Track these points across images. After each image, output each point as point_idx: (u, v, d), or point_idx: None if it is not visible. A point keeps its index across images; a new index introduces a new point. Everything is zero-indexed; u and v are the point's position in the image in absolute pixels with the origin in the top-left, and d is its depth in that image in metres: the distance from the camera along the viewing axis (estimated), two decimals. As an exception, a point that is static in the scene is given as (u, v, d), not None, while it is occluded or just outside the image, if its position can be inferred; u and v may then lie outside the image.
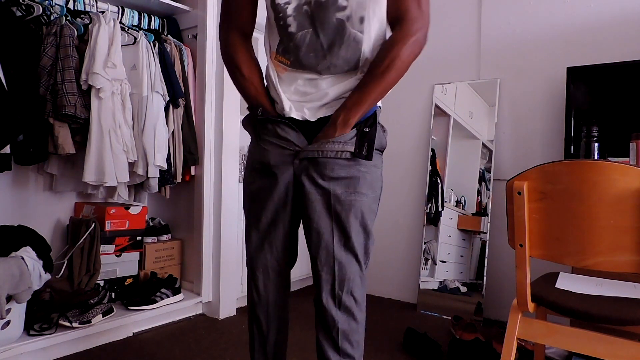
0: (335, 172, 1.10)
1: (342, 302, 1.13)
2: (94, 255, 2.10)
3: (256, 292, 1.25)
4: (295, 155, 1.12)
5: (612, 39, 2.21)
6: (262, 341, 1.29)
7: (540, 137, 2.41)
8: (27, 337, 1.79)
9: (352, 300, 1.13)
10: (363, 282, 1.16)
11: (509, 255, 2.48)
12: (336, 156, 1.09)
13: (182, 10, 2.45)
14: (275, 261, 1.22)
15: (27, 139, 1.85)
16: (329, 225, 1.11)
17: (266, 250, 1.21)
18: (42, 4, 1.95)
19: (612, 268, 1.09)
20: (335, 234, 1.12)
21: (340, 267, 1.12)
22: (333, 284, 1.12)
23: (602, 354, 1.14)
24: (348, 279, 1.12)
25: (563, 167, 1.10)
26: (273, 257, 1.21)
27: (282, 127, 1.13)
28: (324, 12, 1.05)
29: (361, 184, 1.12)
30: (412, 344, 2.00)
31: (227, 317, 2.43)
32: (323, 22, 1.06)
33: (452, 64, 2.70)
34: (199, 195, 2.44)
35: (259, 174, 1.19)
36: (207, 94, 2.42)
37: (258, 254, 1.22)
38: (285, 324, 1.32)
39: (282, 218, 1.19)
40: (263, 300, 1.25)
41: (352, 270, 1.13)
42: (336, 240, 1.12)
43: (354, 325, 1.14)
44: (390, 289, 2.89)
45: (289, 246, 1.23)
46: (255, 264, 1.24)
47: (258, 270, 1.23)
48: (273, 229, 1.19)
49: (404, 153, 2.87)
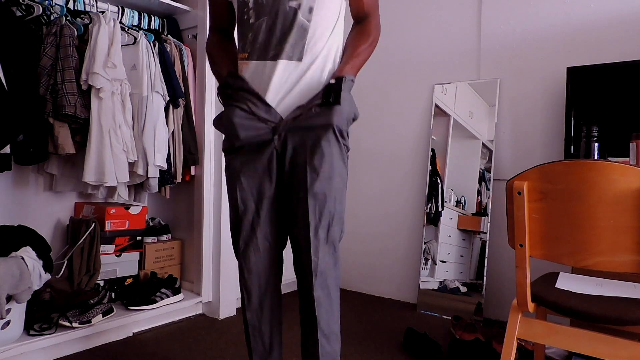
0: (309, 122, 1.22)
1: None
2: (94, 255, 2.10)
3: (247, 269, 1.30)
4: (274, 130, 1.23)
5: (612, 39, 2.21)
6: (256, 324, 1.32)
7: (540, 137, 2.41)
8: (27, 337, 1.79)
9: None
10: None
11: (509, 255, 2.48)
12: (308, 114, 1.21)
13: (182, 10, 2.45)
14: (265, 239, 1.30)
15: (27, 139, 1.85)
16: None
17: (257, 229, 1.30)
18: (42, 4, 1.96)
19: (612, 268, 1.09)
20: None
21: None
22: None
23: (602, 354, 1.14)
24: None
25: (563, 167, 1.10)
26: (262, 235, 1.29)
27: (255, 102, 1.23)
28: (279, 1, 1.19)
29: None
30: (412, 344, 2.00)
31: (227, 317, 2.43)
32: (277, 10, 1.19)
33: (452, 64, 2.70)
34: (199, 195, 2.44)
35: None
36: (207, 94, 2.42)
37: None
38: (279, 307, 1.36)
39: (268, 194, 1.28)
40: (254, 275, 1.31)
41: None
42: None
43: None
44: (390, 289, 2.89)
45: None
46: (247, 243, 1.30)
47: (249, 249, 1.29)
48: (261, 207, 1.28)
49: (404, 153, 2.87)
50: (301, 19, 1.19)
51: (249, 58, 1.23)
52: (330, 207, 1.21)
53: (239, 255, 1.31)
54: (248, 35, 1.22)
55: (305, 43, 1.20)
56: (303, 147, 1.20)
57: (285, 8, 1.18)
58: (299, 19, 1.18)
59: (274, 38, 1.19)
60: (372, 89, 3.00)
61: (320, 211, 1.20)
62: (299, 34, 1.19)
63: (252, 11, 1.21)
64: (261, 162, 1.24)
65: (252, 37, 1.21)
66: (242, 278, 1.32)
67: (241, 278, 1.33)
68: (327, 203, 1.21)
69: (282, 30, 1.19)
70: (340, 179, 1.24)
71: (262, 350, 1.34)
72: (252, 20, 1.21)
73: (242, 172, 1.25)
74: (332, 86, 1.19)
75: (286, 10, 1.18)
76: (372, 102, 3.00)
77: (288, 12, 1.18)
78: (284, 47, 1.19)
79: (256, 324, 1.33)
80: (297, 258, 1.26)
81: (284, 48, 1.19)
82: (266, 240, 1.29)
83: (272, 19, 1.19)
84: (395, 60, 2.91)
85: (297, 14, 1.18)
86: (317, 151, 1.19)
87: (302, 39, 1.20)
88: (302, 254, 1.23)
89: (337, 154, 1.21)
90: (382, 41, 2.91)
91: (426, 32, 2.79)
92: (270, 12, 1.19)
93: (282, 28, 1.19)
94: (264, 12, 1.20)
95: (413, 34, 2.83)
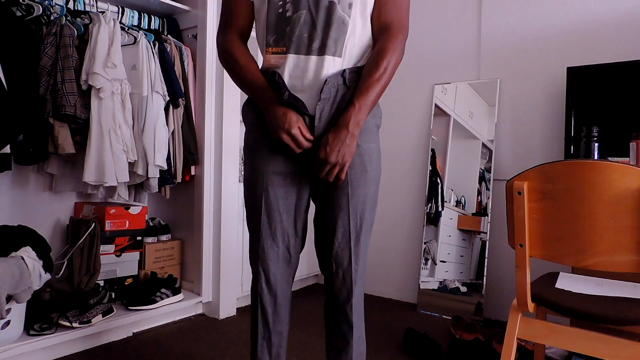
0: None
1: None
2: (94, 255, 2.10)
3: (266, 282, 1.27)
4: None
5: (612, 39, 2.21)
6: (266, 335, 1.30)
7: (540, 137, 2.41)
8: (27, 337, 1.79)
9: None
10: None
11: (509, 255, 2.48)
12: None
13: (182, 10, 2.45)
14: (286, 250, 1.28)
15: (27, 139, 1.85)
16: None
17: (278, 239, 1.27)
18: (42, 4, 1.95)
19: (612, 268, 1.09)
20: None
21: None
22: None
23: (602, 354, 1.14)
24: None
25: (563, 167, 1.10)
26: (284, 245, 1.27)
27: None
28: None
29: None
30: (412, 344, 2.00)
31: (227, 317, 2.43)
32: (318, 3, 1.14)
33: (452, 64, 2.70)
34: (199, 195, 2.44)
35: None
36: (207, 94, 2.41)
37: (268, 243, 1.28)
38: (290, 316, 1.36)
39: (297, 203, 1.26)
40: (273, 290, 1.28)
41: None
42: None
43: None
44: (390, 289, 2.89)
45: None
46: (265, 253, 1.27)
47: (270, 261, 1.26)
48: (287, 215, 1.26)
49: (404, 153, 2.87)
50: (341, 13, 1.14)
51: (286, 52, 1.17)
52: (369, 214, 1.24)
53: (257, 264, 1.27)
54: (285, 29, 1.16)
55: (345, 39, 1.16)
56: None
57: (326, 2, 1.14)
58: (339, 12, 1.14)
59: (316, 32, 1.15)
60: (372, 89, 2.99)
61: (362, 219, 1.22)
62: (340, 29, 1.15)
63: (290, 4, 1.16)
64: (295, 167, 1.22)
65: (290, 30, 1.16)
66: (257, 287, 1.29)
67: (257, 287, 1.29)
68: (366, 210, 1.23)
69: (324, 24, 1.14)
70: (377, 185, 1.26)
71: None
72: (290, 13, 1.16)
73: (272, 177, 1.22)
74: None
75: (326, 4, 1.14)
76: (372, 102, 2.99)
77: (328, 5, 1.14)
78: (327, 42, 1.15)
79: (267, 335, 1.30)
80: (335, 265, 1.24)
81: (327, 43, 1.15)
82: (287, 251, 1.28)
83: (312, 12, 1.15)
84: (395, 60, 2.90)
85: (337, 8, 1.14)
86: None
87: (343, 35, 1.15)
88: (342, 262, 1.23)
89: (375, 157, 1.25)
90: (382, 41, 2.91)
91: (426, 32, 2.79)
92: (309, 5, 1.14)
93: (323, 22, 1.14)
94: (302, 5, 1.15)
95: (413, 34, 2.83)
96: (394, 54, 1.15)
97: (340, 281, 1.24)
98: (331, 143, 1.10)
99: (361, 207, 1.21)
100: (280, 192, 1.22)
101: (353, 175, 1.19)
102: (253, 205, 1.26)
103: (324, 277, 1.29)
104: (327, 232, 1.23)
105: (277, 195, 1.22)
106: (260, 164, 1.22)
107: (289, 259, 1.29)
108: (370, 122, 1.23)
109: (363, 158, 1.20)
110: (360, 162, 1.20)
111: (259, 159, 1.23)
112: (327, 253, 1.25)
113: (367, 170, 1.21)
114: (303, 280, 3.08)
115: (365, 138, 1.20)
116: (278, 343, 1.31)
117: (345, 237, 1.21)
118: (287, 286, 1.31)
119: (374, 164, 1.23)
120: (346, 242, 1.21)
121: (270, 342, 1.30)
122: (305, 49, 1.15)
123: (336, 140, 1.10)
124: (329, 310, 1.30)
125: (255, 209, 1.25)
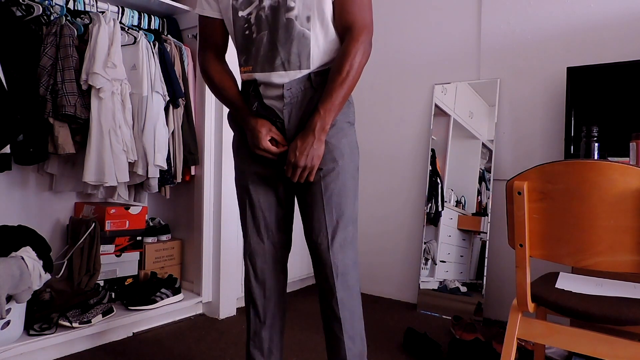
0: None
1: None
2: (94, 255, 2.10)
3: (254, 276, 1.35)
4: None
5: (612, 39, 2.21)
6: (257, 329, 1.35)
7: (540, 137, 2.41)
8: (27, 337, 1.79)
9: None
10: None
11: (509, 255, 2.48)
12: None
13: (182, 10, 2.45)
14: (272, 245, 1.35)
15: (27, 139, 1.85)
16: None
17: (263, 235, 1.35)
18: (42, 4, 1.95)
19: (612, 268, 1.09)
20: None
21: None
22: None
23: (602, 354, 1.14)
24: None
25: (563, 167, 1.10)
26: (269, 240, 1.35)
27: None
28: (276, 13, 1.20)
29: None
30: (412, 344, 2.00)
31: (227, 317, 2.43)
32: (276, 22, 1.20)
33: (452, 64, 2.70)
34: (199, 195, 2.44)
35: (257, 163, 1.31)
36: (207, 94, 2.41)
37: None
38: (283, 311, 1.40)
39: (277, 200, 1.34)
40: (261, 284, 1.36)
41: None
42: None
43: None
44: (390, 289, 2.89)
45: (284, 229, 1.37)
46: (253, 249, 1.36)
47: (256, 255, 1.34)
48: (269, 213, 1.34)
49: (404, 153, 2.87)
50: (300, 28, 1.20)
51: (252, 71, 1.25)
52: (345, 207, 1.27)
53: (246, 258, 1.36)
54: (251, 49, 1.24)
55: (310, 51, 1.21)
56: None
57: (283, 20, 1.19)
58: (297, 28, 1.19)
59: (277, 50, 1.21)
60: (372, 89, 3.00)
61: (338, 213, 1.25)
62: (302, 43, 1.20)
63: (254, 27, 1.23)
64: (273, 169, 1.29)
65: (255, 51, 1.23)
66: (248, 282, 1.37)
67: (247, 282, 1.37)
68: (342, 203, 1.26)
69: (283, 40, 1.20)
70: (353, 178, 1.29)
71: (258, 356, 1.35)
72: (255, 35, 1.23)
73: (253, 177, 1.32)
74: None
75: (284, 22, 1.19)
76: (372, 102, 3.00)
77: (286, 23, 1.19)
78: (290, 58, 1.21)
79: (258, 329, 1.35)
80: (317, 261, 1.27)
81: (290, 59, 1.21)
82: (273, 246, 1.34)
83: (272, 32, 1.21)
84: (395, 60, 2.91)
85: (294, 24, 1.19)
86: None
87: (306, 48, 1.21)
88: (321, 256, 1.25)
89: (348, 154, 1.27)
90: (382, 41, 2.91)
91: (426, 32, 2.79)
92: (269, 26, 1.21)
93: (284, 39, 1.20)
94: (264, 26, 1.21)
95: (413, 34, 2.83)
96: (357, 55, 1.18)
97: (323, 276, 1.26)
98: (299, 148, 1.18)
99: (336, 200, 1.24)
100: (261, 190, 1.32)
101: (325, 172, 1.24)
102: (240, 203, 1.36)
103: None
104: (307, 228, 1.28)
105: (259, 192, 1.32)
106: (244, 165, 1.33)
107: (275, 254, 1.35)
108: (340, 120, 1.27)
109: (333, 153, 1.24)
110: (331, 158, 1.24)
111: (242, 161, 1.33)
112: (310, 248, 1.29)
113: (338, 164, 1.24)
114: (303, 280, 3.08)
115: (336, 135, 1.25)
116: (269, 338, 1.34)
117: (322, 231, 1.24)
118: (276, 280, 1.36)
119: (346, 158, 1.26)
120: (324, 237, 1.24)
121: (260, 337, 1.34)
122: (270, 66, 1.22)
123: (304, 145, 1.18)
124: (321, 307, 1.32)
125: (242, 207, 1.36)
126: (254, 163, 1.30)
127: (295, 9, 1.19)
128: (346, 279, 1.25)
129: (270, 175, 1.30)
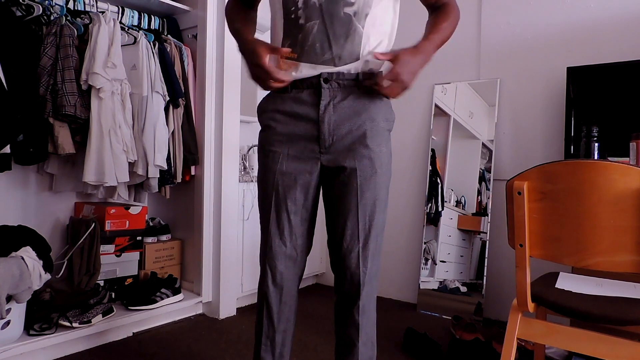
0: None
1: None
2: (94, 255, 2.10)
3: (272, 280, 1.28)
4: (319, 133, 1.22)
5: (612, 39, 2.21)
6: (270, 334, 1.31)
7: (540, 137, 2.41)
8: (27, 337, 1.79)
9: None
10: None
11: (509, 255, 2.48)
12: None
13: (182, 10, 2.45)
14: (293, 249, 1.28)
15: (27, 139, 1.85)
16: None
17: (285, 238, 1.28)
18: (42, 4, 1.95)
19: (612, 268, 1.09)
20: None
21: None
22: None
23: (602, 354, 1.14)
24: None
25: (563, 167, 1.10)
26: (292, 244, 1.27)
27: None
28: (334, 5, 1.14)
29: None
30: (412, 344, 2.00)
31: (227, 317, 2.43)
32: (332, 14, 1.14)
33: (452, 64, 2.70)
34: (199, 195, 2.44)
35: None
36: (207, 94, 2.41)
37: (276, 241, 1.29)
38: (296, 315, 1.36)
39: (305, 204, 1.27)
40: (279, 288, 1.29)
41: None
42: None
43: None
44: (390, 289, 2.89)
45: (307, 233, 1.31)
46: (273, 252, 1.28)
47: (277, 259, 1.27)
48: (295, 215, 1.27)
49: (404, 153, 2.87)
50: (358, 25, 1.15)
51: (298, 59, 1.19)
52: (378, 217, 1.24)
53: (264, 261, 1.29)
54: (297, 35, 1.18)
55: (361, 49, 1.17)
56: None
57: (341, 14, 1.14)
58: (354, 24, 1.15)
59: (330, 44, 1.15)
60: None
61: (371, 221, 1.23)
62: (357, 41, 1.16)
63: (302, 12, 1.16)
64: (303, 168, 1.24)
65: (302, 39, 1.17)
66: (264, 285, 1.30)
67: (263, 285, 1.31)
68: (376, 212, 1.23)
69: (338, 35, 1.15)
70: (386, 189, 1.26)
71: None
72: (302, 21, 1.16)
73: (281, 176, 1.25)
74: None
75: (341, 16, 1.14)
76: (372, 102, 2.99)
77: (344, 18, 1.14)
78: (342, 54, 1.16)
79: (271, 333, 1.31)
80: (343, 266, 1.25)
81: (342, 55, 1.16)
82: (295, 250, 1.28)
83: (326, 23, 1.15)
84: (395, 60, 2.90)
85: (353, 21, 1.14)
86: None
87: (358, 46, 1.16)
88: (350, 263, 1.23)
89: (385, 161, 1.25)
90: (382, 41, 2.91)
91: (426, 32, 2.79)
92: (323, 17, 1.15)
93: (339, 34, 1.15)
94: (315, 15, 1.15)
95: (413, 35, 2.83)
96: (457, 17, 1.25)
97: (349, 283, 1.24)
98: (410, 62, 1.12)
99: (370, 209, 1.21)
100: (289, 192, 1.23)
101: (363, 178, 1.19)
102: (264, 203, 1.28)
103: (334, 277, 1.30)
104: (337, 234, 1.24)
105: (286, 194, 1.23)
106: (271, 164, 1.25)
107: (296, 259, 1.29)
108: (383, 126, 1.23)
109: (374, 161, 1.20)
110: (371, 165, 1.20)
111: (271, 159, 1.25)
112: (336, 254, 1.26)
113: (377, 173, 1.21)
114: (303, 281, 3.08)
115: (377, 141, 1.21)
116: (282, 342, 1.31)
117: (354, 239, 1.21)
118: (293, 285, 1.31)
119: (384, 167, 1.23)
120: (354, 244, 1.22)
121: (274, 341, 1.30)
122: (317, 59, 1.16)
123: (414, 61, 1.13)
124: (338, 311, 1.30)
125: (265, 207, 1.28)
126: (284, 162, 1.23)
127: (356, 4, 1.14)
128: (371, 287, 1.25)
129: (299, 175, 1.23)
